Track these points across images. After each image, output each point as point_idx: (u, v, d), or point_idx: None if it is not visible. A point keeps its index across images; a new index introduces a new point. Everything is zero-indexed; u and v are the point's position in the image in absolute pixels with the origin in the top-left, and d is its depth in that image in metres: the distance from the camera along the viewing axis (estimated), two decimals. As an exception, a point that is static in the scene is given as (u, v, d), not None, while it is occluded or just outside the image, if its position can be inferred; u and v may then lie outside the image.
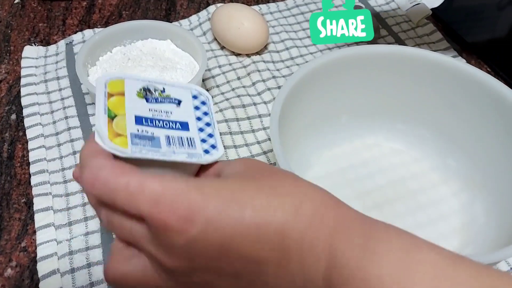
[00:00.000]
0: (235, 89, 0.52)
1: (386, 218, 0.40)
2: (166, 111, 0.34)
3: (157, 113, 0.34)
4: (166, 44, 0.51)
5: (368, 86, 0.43)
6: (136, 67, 0.48)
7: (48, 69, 0.53)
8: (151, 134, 0.32)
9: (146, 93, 0.34)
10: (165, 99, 0.35)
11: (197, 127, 0.35)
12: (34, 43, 0.57)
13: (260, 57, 0.55)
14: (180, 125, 0.34)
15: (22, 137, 0.47)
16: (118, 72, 0.35)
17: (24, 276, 0.38)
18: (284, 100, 0.35)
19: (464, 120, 0.41)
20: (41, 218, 0.40)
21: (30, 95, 0.50)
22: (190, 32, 0.51)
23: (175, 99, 0.35)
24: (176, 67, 0.48)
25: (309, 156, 0.43)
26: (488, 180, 0.40)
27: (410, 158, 0.45)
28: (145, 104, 0.34)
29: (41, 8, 0.61)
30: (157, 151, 0.31)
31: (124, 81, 0.34)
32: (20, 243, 0.39)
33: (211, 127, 0.35)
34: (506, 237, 0.34)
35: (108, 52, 0.50)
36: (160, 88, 0.35)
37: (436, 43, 0.58)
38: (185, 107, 0.35)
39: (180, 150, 0.32)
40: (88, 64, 0.48)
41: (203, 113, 0.36)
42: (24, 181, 0.43)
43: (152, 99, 0.34)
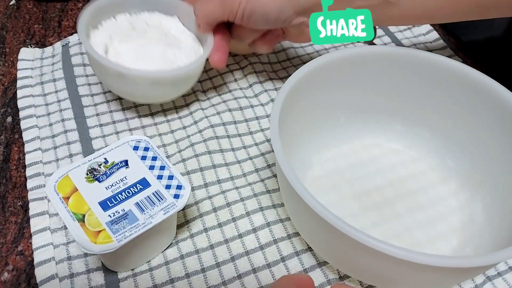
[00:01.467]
0: (232, 91, 0.51)
1: (385, 218, 0.41)
2: (121, 179, 0.36)
3: (115, 187, 0.35)
4: (172, 21, 0.49)
5: (366, 87, 0.43)
6: (140, 38, 0.46)
7: (44, 71, 0.52)
8: (122, 211, 0.34)
9: (93, 174, 0.36)
10: (113, 167, 0.36)
11: (155, 176, 0.36)
12: (29, 45, 0.56)
13: (257, 58, 0.55)
14: (140, 184, 0.36)
15: (18, 140, 0.46)
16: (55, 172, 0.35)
17: (21, 280, 0.37)
18: (284, 101, 0.35)
19: (462, 120, 0.41)
20: (37, 223, 0.40)
21: (26, 97, 0.49)
22: None
23: (121, 161, 0.37)
24: (180, 46, 0.47)
25: (309, 157, 0.43)
26: (487, 179, 0.40)
27: (409, 158, 0.45)
28: (99, 186, 0.35)
29: (37, 10, 0.61)
30: (137, 226, 0.33)
31: (68, 175, 0.35)
32: (16, 247, 0.39)
33: (166, 169, 0.36)
34: (505, 236, 0.34)
35: (112, 18, 0.48)
36: (102, 161, 0.37)
37: (433, 43, 0.58)
38: (134, 165, 0.37)
39: (154, 210, 0.34)
40: (90, 26, 0.46)
41: (152, 159, 0.37)
42: (20, 184, 0.43)
43: (102, 176, 0.36)
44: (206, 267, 0.38)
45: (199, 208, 0.41)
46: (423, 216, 0.41)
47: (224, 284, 0.37)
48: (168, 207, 0.34)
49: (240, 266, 0.38)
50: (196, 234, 0.40)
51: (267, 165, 0.45)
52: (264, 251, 0.39)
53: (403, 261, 0.27)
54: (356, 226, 0.28)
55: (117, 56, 0.45)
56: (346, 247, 0.31)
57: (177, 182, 0.36)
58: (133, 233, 0.33)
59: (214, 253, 0.38)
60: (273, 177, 0.44)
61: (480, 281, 0.38)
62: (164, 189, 0.35)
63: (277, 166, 0.35)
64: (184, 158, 0.45)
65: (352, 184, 0.43)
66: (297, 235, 0.40)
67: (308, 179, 0.42)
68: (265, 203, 0.42)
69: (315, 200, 0.29)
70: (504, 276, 0.38)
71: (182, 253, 0.38)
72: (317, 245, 0.36)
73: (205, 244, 0.39)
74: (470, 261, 0.28)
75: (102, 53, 0.44)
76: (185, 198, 0.35)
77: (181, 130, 0.48)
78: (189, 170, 0.44)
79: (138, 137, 0.38)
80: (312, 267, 0.38)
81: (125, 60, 0.44)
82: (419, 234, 0.40)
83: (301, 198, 0.30)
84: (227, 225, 0.40)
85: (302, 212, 0.33)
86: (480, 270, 0.33)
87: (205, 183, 0.43)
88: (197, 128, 0.47)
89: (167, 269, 0.38)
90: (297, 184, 0.30)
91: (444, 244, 0.39)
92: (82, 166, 0.36)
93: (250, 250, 0.39)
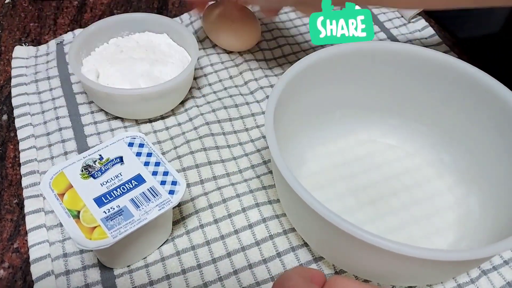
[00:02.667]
0: (228, 88, 0.51)
1: (381, 213, 0.41)
2: (116, 175, 0.36)
3: (110, 184, 0.35)
4: (162, 38, 0.51)
5: (361, 82, 0.42)
6: (127, 59, 0.47)
7: (39, 69, 0.52)
8: (117, 207, 0.34)
9: (88, 170, 0.36)
10: (108, 164, 0.36)
11: (150, 173, 0.36)
12: (25, 43, 0.56)
13: (252, 55, 0.55)
14: (135, 181, 0.36)
15: (14, 138, 0.46)
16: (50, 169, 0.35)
17: (17, 277, 0.37)
18: (279, 97, 0.35)
19: (458, 115, 0.41)
20: (32, 220, 0.40)
21: (21, 95, 0.49)
22: (186, 28, 0.51)
23: (116, 158, 0.37)
24: (168, 61, 0.48)
25: (304, 152, 0.43)
26: (482, 174, 0.40)
27: (405, 153, 0.45)
28: (94, 183, 0.35)
29: (32, 8, 0.61)
30: (132, 222, 0.33)
31: (63, 172, 0.35)
32: (12, 244, 0.39)
33: (161, 165, 0.36)
34: (501, 231, 0.34)
35: (105, 43, 0.50)
36: (97, 157, 0.37)
37: (428, 39, 0.58)
38: (129, 161, 0.37)
39: (150, 206, 0.34)
40: (83, 54, 0.48)
41: (147, 155, 0.37)
42: (16, 182, 0.43)
43: (97, 172, 0.36)
44: (202, 263, 0.38)
45: (195, 204, 0.41)
46: (419, 211, 0.41)
47: (220, 280, 0.37)
48: (163, 203, 0.34)
49: (236, 262, 0.38)
50: (192, 230, 0.40)
51: (263, 162, 0.45)
52: (260, 247, 0.39)
53: (398, 255, 0.27)
54: (352, 222, 0.28)
55: (108, 79, 0.46)
56: (341, 242, 0.31)
57: (172, 178, 0.36)
58: (128, 229, 0.33)
59: (210, 249, 0.38)
60: (269, 173, 0.44)
61: (476, 275, 0.38)
62: (159, 185, 0.35)
63: (272, 162, 0.35)
64: (180, 155, 0.45)
65: (348, 180, 0.43)
66: (293, 231, 0.40)
67: (303, 175, 0.42)
68: (261, 199, 0.42)
69: (310, 196, 0.29)
70: (499, 270, 0.38)
71: (178, 249, 0.38)
72: (313, 240, 0.36)
73: (201, 240, 0.39)
74: (463, 255, 0.28)
75: (94, 77, 0.46)
76: (180, 194, 0.35)
77: (176, 127, 0.48)
78: (184, 167, 0.44)
79: (133, 134, 0.38)
80: (308, 262, 0.38)
81: (114, 82, 0.46)
82: (415, 229, 0.40)
83: (296, 193, 0.30)
84: (223, 221, 0.40)
85: (297, 208, 0.33)
86: (473, 263, 0.33)
87: (200, 180, 0.43)
88: (193, 125, 0.47)
89: (163, 265, 0.38)
90: (292, 180, 0.30)
91: (440, 239, 0.39)
92: (77, 163, 0.36)
93: (246, 246, 0.39)
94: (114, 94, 0.43)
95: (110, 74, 0.46)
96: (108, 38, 0.50)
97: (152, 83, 0.45)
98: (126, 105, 0.45)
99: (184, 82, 0.46)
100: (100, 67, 0.47)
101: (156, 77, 0.46)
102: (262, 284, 0.37)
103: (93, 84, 0.43)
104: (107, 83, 0.46)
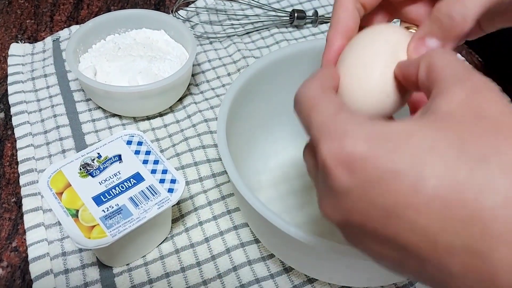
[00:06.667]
0: (226, 85, 0.51)
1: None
2: (114, 174, 0.36)
3: (109, 182, 0.35)
4: (159, 34, 0.51)
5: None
6: (126, 56, 0.47)
7: (35, 67, 0.52)
8: (116, 206, 0.34)
9: (87, 169, 0.36)
10: (106, 162, 0.36)
11: (148, 171, 0.36)
12: (21, 40, 0.56)
13: (250, 53, 0.54)
14: (134, 179, 0.35)
15: (11, 136, 0.46)
16: (48, 167, 0.35)
17: (16, 276, 0.37)
18: (232, 102, 0.34)
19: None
20: (30, 219, 0.39)
21: (18, 93, 0.49)
22: (183, 24, 0.50)
23: (114, 156, 0.37)
24: (165, 58, 0.48)
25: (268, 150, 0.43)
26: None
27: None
28: (93, 181, 0.35)
29: (28, 5, 0.60)
30: (131, 220, 0.33)
31: (62, 171, 0.35)
32: (11, 243, 0.39)
33: (160, 163, 0.36)
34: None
35: (102, 40, 0.50)
36: (95, 155, 0.36)
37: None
38: (127, 159, 0.37)
39: (149, 204, 0.34)
40: (80, 51, 0.48)
41: (146, 154, 0.37)
42: (14, 181, 0.43)
43: (95, 171, 0.36)
44: (201, 261, 0.38)
45: (194, 202, 0.41)
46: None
47: (219, 277, 0.37)
48: (162, 201, 0.34)
49: (235, 259, 0.38)
50: (191, 228, 0.39)
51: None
52: (259, 244, 0.39)
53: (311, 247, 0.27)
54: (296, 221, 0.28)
55: (105, 76, 0.46)
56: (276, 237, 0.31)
57: (171, 176, 0.35)
58: (127, 227, 0.32)
59: (209, 247, 0.38)
60: (268, 170, 0.44)
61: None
62: (158, 184, 0.35)
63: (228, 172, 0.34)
64: (178, 153, 0.45)
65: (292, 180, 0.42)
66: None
67: (267, 170, 0.42)
68: (259, 196, 0.42)
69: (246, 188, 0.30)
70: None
71: (177, 247, 0.38)
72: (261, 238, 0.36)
73: (200, 238, 0.39)
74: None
75: (92, 74, 0.46)
76: (179, 192, 0.35)
77: (174, 124, 0.47)
78: (183, 165, 0.44)
79: (132, 132, 0.38)
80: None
81: (112, 79, 0.45)
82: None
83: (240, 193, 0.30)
84: (221, 217, 0.40)
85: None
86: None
87: (199, 177, 0.43)
88: (191, 123, 0.47)
89: (162, 264, 0.37)
90: (237, 180, 0.30)
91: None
92: (75, 161, 0.36)
93: (245, 242, 0.39)
94: (112, 92, 0.43)
95: (108, 71, 0.46)
96: (105, 35, 0.50)
97: (150, 80, 0.45)
98: (124, 103, 0.45)
99: (183, 79, 0.46)
100: (98, 64, 0.47)
101: (154, 74, 0.46)
102: (262, 281, 0.37)
103: (91, 81, 0.43)
104: (105, 80, 0.46)
